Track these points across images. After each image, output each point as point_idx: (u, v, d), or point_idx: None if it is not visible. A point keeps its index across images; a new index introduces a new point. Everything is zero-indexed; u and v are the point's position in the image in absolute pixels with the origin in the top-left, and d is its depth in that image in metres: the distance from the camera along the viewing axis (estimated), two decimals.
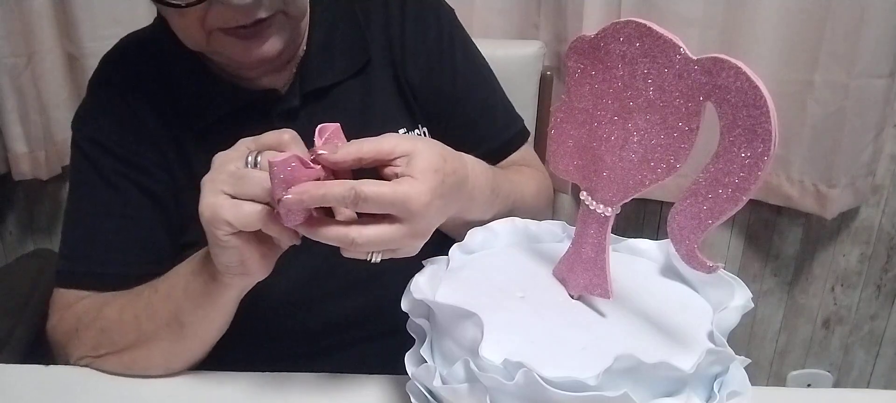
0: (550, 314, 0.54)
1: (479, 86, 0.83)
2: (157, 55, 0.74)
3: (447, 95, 0.80)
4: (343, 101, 0.76)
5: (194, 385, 0.66)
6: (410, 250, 0.56)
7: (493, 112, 0.83)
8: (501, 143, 0.83)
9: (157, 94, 0.74)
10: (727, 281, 0.53)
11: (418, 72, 0.78)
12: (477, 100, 0.82)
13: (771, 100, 0.40)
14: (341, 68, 0.76)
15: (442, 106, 0.80)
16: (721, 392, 0.48)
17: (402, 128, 0.77)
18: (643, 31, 0.46)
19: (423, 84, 0.79)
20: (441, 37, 0.80)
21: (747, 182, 0.42)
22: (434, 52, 0.79)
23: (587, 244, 0.54)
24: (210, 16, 0.63)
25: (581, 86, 0.53)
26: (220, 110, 0.73)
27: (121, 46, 0.78)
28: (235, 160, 0.55)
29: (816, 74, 1.17)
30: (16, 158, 1.32)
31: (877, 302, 1.45)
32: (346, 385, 0.66)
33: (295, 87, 0.75)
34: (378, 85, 0.78)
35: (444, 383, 0.50)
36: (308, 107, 0.75)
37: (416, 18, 0.79)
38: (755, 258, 1.44)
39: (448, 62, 0.80)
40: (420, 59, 0.79)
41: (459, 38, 0.83)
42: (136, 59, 0.77)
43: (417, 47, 0.79)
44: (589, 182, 0.54)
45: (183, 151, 0.74)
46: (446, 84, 0.80)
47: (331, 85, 0.76)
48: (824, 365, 1.52)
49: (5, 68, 1.25)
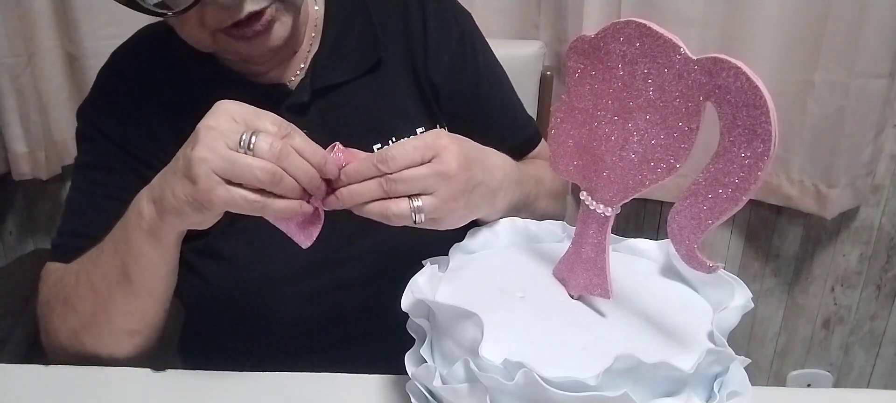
0: (550, 314, 0.54)
1: (497, 85, 0.85)
2: (170, 49, 0.75)
3: (471, 94, 0.81)
4: (353, 99, 0.77)
5: (194, 385, 0.66)
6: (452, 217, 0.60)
7: (513, 111, 0.86)
8: (523, 141, 0.85)
9: (165, 88, 0.76)
10: (727, 281, 0.53)
11: (441, 72, 0.79)
12: (498, 100, 0.84)
13: (771, 101, 0.40)
14: (353, 66, 0.77)
15: (465, 105, 0.81)
16: (721, 392, 0.48)
17: (420, 128, 0.78)
18: (643, 31, 0.46)
19: (445, 83, 0.80)
20: (463, 38, 0.81)
21: (747, 182, 0.42)
22: (457, 52, 0.80)
23: (587, 244, 0.54)
24: (207, 18, 0.64)
25: (581, 86, 0.53)
26: None
27: (135, 39, 0.80)
28: (229, 136, 0.55)
29: (816, 74, 1.17)
30: (16, 158, 1.32)
31: (877, 302, 1.45)
32: (346, 385, 0.66)
33: (305, 83, 0.76)
34: (393, 84, 0.79)
35: (444, 383, 0.50)
36: (317, 102, 0.76)
37: (438, 20, 0.80)
38: (755, 258, 1.44)
39: (471, 62, 0.82)
40: (443, 59, 0.80)
41: (478, 39, 0.84)
42: (149, 52, 0.78)
43: (440, 47, 0.80)
44: (589, 182, 0.54)
45: None
46: (470, 84, 0.81)
47: (341, 82, 0.77)
48: (824, 365, 1.52)
49: (5, 68, 1.25)
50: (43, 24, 1.25)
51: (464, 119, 0.80)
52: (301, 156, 0.56)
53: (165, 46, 0.75)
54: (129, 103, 0.75)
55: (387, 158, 0.57)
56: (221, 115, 0.56)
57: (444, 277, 0.58)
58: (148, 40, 0.79)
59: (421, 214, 0.58)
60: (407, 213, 0.58)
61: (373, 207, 0.58)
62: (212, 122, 0.56)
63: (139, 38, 0.80)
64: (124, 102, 0.76)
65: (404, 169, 0.57)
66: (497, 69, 0.86)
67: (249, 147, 0.54)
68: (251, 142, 0.54)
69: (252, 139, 0.55)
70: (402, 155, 0.57)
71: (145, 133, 0.75)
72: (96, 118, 0.76)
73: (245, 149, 0.54)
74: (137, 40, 0.80)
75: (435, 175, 0.58)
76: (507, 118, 0.85)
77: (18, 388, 0.66)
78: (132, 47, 0.79)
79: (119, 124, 0.75)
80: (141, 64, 0.77)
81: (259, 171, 0.54)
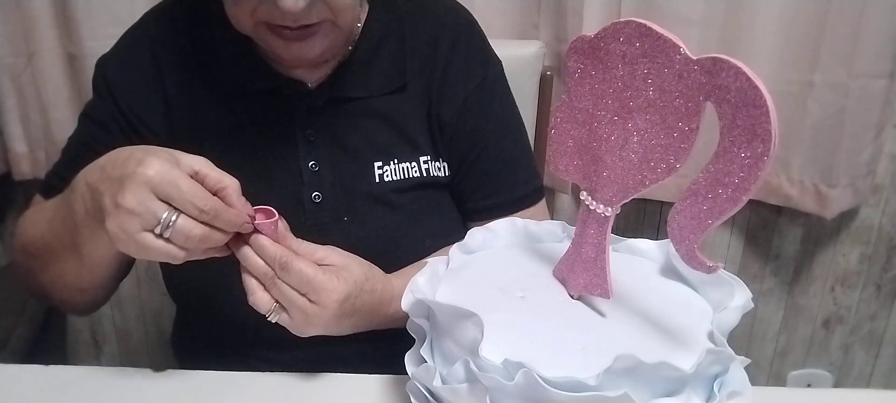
0: (550, 314, 0.54)
1: (507, 137, 0.84)
2: (203, 17, 0.76)
3: (475, 141, 0.81)
4: (366, 115, 0.78)
5: (193, 386, 0.66)
6: (301, 328, 0.63)
7: (515, 165, 0.84)
8: (516, 198, 0.83)
9: (191, 55, 0.77)
10: (727, 281, 0.53)
11: (452, 111, 0.79)
12: (503, 151, 0.83)
13: (771, 101, 0.40)
14: (376, 85, 0.78)
15: (468, 149, 0.81)
16: (721, 392, 0.48)
17: (425, 157, 0.79)
18: (643, 31, 0.46)
19: (453, 123, 0.79)
20: (483, 84, 0.81)
21: (747, 182, 0.42)
22: (473, 96, 0.80)
23: (587, 244, 0.54)
24: (260, 10, 0.66)
25: (581, 86, 0.53)
26: (249, 83, 0.75)
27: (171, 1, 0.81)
28: (145, 217, 0.56)
29: (816, 74, 1.17)
30: (16, 158, 1.32)
31: (877, 302, 1.45)
32: (347, 385, 0.66)
33: (324, 88, 0.76)
34: (408, 110, 0.79)
35: (444, 383, 0.50)
36: (331, 108, 0.76)
37: (464, 60, 0.80)
38: (755, 258, 1.44)
39: (485, 109, 0.81)
40: (457, 99, 0.79)
41: (501, 90, 0.84)
42: (182, 16, 0.79)
43: (458, 87, 0.79)
44: (589, 182, 0.54)
45: (198, 116, 0.76)
46: (478, 130, 0.81)
47: (360, 97, 0.77)
48: (824, 365, 1.52)
49: (5, 68, 1.24)
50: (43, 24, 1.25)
51: (464, 161, 0.81)
52: (222, 218, 0.58)
53: (200, 14, 0.77)
54: (146, 63, 0.77)
55: (287, 267, 0.60)
56: (140, 190, 0.55)
57: (444, 277, 0.58)
58: (183, 3, 0.80)
59: (276, 316, 0.63)
60: (266, 309, 0.62)
61: (249, 281, 0.62)
62: (129, 202, 0.55)
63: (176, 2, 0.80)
64: (141, 62, 0.77)
65: (291, 286, 0.61)
66: (512, 122, 0.85)
67: (169, 225, 0.56)
68: (170, 224, 0.56)
69: (171, 220, 0.56)
70: (297, 277, 0.60)
71: (155, 96, 0.76)
72: (109, 75, 0.78)
73: (164, 229, 0.56)
74: (175, 3, 0.80)
75: (305, 313, 0.62)
76: (506, 171, 0.83)
77: (18, 388, 0.66)
78: (167, 10, 0.80)
79: (129, 89, 0.76)
80: (171, 27, 0.78)
81: (175, 251, 0.57)
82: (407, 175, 0.78)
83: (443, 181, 0.81)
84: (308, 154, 0.76)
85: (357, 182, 0.76)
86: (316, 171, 0.76)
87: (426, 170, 0.79)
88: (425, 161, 0.79)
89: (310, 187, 0.76)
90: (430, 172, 0.79)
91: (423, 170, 0.79)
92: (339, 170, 0.76)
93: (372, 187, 0.77)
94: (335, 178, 0.76)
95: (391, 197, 0.77)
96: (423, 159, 0.79)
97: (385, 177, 0.77)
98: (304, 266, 0.61)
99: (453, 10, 0.83)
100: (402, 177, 0.77)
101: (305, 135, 0.76)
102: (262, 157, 0.75)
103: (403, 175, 0.78)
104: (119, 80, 0.77)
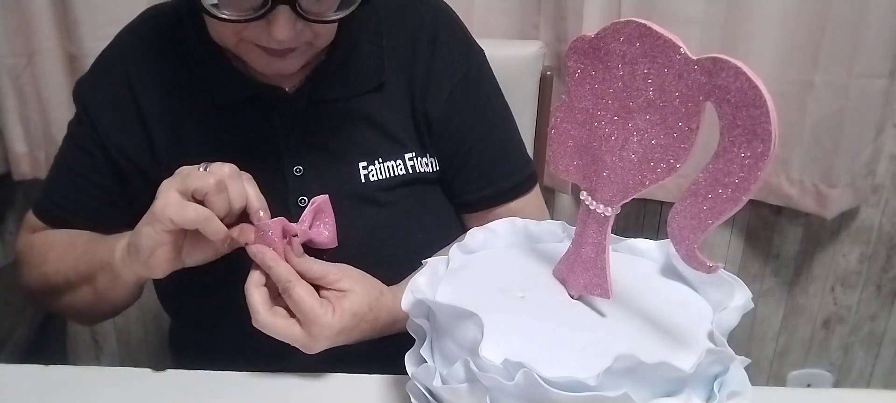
0: (550, 314, 0.54)
1: (497, 127, 0.83)
2: (175, 31, 0.76)
3: (465, 134, 0.81)
4: (347, 115, 0.77)
5: (193, 386, 0.66)
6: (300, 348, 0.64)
7: (507, 154, 0.84)
8: (510, 187, 0.83)
9: (165, 72, 0.77)
10: (727, 281, 0.53)
11: (439, 107, 0.79)
12: (493, 141, 0.83)
13: (771, 101, 0.40)
14: (354, 86, 0.77)
15: (457, 143, 0.81)
16: (721, 392, 0.48)
17: (410, 154, 0.78)
18: (643, 31, 0.46)
19: (441, 118, 0.79)
20: (467, 76, 0.81)
21: (747, 182, 0.42)
22: (458, 89, 0.80)
23: (587, 244, 0.54)
24: (247, 32, 0.66)
25: (581, 86, 0.53)
26: (227, 94, 0.75)
27: (140, 20, 0.81)
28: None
29: (816, 74, 1.17)
30: (16, 158, 1.32)
31: (877, 302, 1.45)
32: (347, 385, 0.66)
33: (303, 92, 0.76)
34: (390, 108, 0.78)
35: (444, 383, 0.50)
36: (312, 111, 0.76)
37: (447, 53, 0.80)
38: (755, 258, 1.44)
39: (472, 101, 0.81)
40: (443, 94, 0.79)
41: (485, 78, 0.83)
42: (153, 34, 0.79)
43: (443, 81, 0.79)
44: (589, 182, 0.54)
45: (179, 133, 0.76)
46: (466, 123, 0.80)
47: (339, 98, 0.77)
48: (824, 365, 1.52)
49: (5, 68, 1.24)
50: (43, 24, 1.25)
51: (454, 155, 0.81)
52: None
53: (172, 28, 0.77)
54: (121, 86, 0.77)
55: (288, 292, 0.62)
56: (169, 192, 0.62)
57: (444, 277, 0.58)
58: (154, 20, 0.80)
59: None
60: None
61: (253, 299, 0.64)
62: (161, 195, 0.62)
63: (145, 19, 0.81)
64: (116, 84, 0.77)
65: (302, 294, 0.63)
66: (499, 112, 0.84)
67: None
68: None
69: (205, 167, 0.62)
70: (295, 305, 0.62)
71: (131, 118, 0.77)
72: (85, 99, 0.79)
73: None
74: (143, 21, 0.81)
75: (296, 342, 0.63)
76: (498, 161, 0.83)
77: (18, 388, 0.66)
78: (137, 28, 0.80)
79: (103, 117, 0.77)
80: (145, 46, 0.78)
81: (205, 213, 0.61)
82: (392, 174, 0.77)
83: (431, 177, 0.81)
84: (292, 159, 0.76)
85: (342, 183, 0.76)
86: (300, 176, 0.76)
87: (412, 167, 0.78)
88: (411, 158, 0.78)
89: (295, 192, 0.75)
90: (417, 169, 0.79)
91: (409, 167, 0.78)
92: (323, 172, 0.76)
93: (357, 187, 0.76)
94: (320, 181, 0.76)
95: (378, 195, 0.77)
96: (408, 156, 0.78)
97: (370, 177, 0.77)
98: (305, 295, 0.62)
99: (431, 4, 0.82)
100: (387, 176, 0.77)
101: (287, 141, 0.76)
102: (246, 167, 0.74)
103: (389, 174, 0.77)
104: (94, 108, 0.78)
